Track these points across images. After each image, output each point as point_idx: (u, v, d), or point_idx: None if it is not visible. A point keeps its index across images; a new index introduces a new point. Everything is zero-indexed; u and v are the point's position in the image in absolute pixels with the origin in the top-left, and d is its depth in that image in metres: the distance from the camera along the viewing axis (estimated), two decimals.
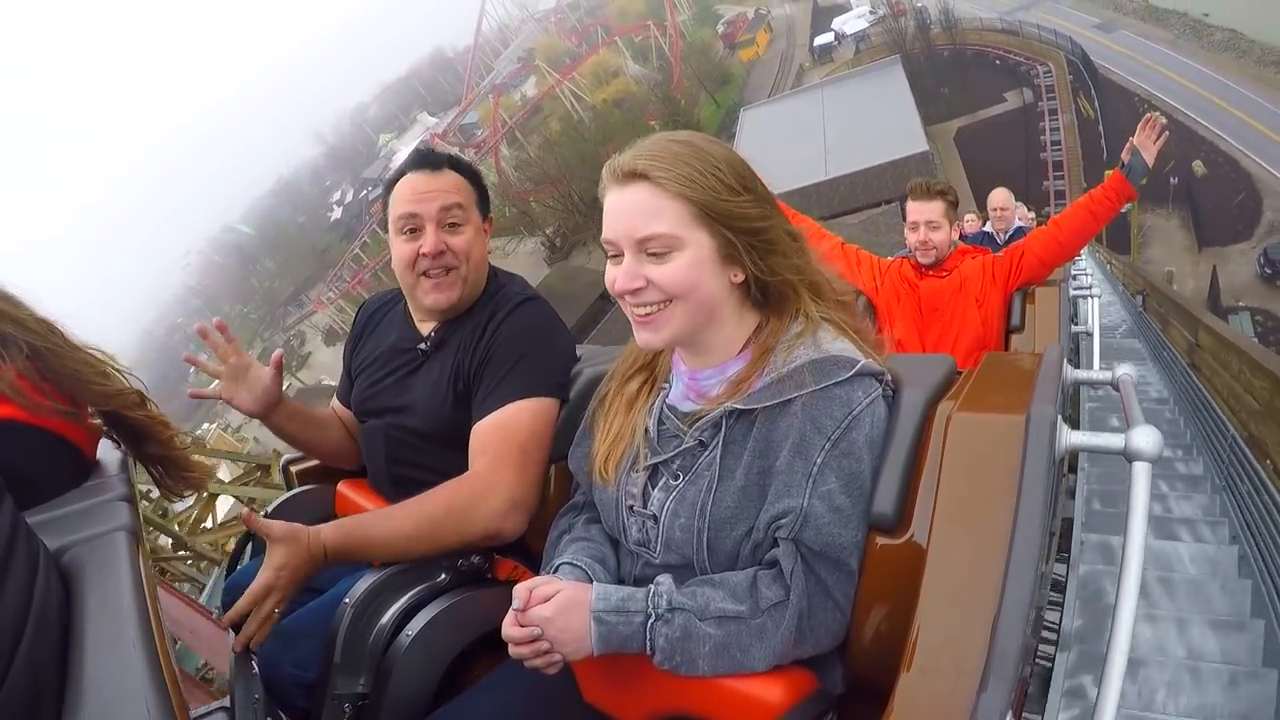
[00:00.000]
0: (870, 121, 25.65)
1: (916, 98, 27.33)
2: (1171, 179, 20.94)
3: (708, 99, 41.61)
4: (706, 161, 0.90)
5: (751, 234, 0.92)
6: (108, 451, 1.26)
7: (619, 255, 0.92)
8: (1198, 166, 21.49)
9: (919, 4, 35.41)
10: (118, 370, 1.23)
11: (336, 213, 73.90)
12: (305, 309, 60.02)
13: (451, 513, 1.17)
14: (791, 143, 25.82)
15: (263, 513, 1.56)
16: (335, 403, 1.62)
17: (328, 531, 1.10)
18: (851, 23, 40.80)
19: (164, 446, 1.30)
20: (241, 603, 1.03)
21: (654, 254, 0.90)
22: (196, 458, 1.36)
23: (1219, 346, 3.77)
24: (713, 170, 0.90)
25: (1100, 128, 24.92)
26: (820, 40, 41.64)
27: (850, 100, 28.50)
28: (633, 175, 0.90)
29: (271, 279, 74.82)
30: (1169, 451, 3.93)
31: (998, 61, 31.28)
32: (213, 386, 1.42)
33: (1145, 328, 5.56)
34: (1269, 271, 17.82)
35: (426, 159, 1.38)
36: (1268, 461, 2.78)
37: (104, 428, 1.24)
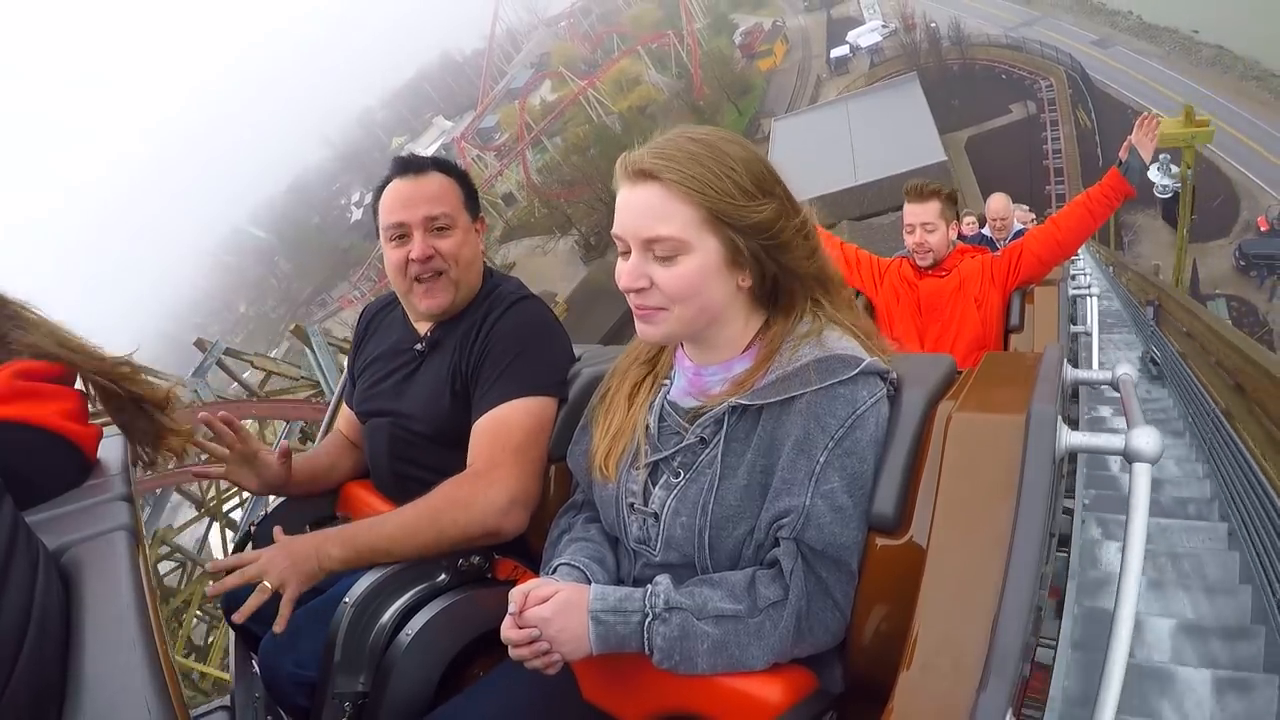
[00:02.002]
0: (892, 133, 27.53)
1: (930, 108, 29.22)
2: None
3: (730, 107, 42.54)
4: (722, 163, 0.88)
5: (762, 234, 0.91)
6: (108, 451, 1.25)
7: (628, 251, 0.92)
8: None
9: (931, 23, 37.09)
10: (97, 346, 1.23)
11: (357, 214, 75.26)
12: (329, 307, 60.92)
13: (452, 503, 1.17)
14: (823, 151, 27.86)
15: (261, 514, 1.57)
16: (342, 410, 1.62)
17: (328, 533, 1.12)
18: (866, 36, 41.95)
19: (158, 407, 1.27)
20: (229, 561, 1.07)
21: (660, 256, 0.89)
22: (180, 425, 1.32)
23: (1135, 274, 8.60)
24: (727, 172, 0.88)
25: (1096, 137, 26.80)
26: (836, 53, 42.88)
27: (873, 113, 30.40)
28: (644, 174, 0.89)
29: (289, 280, 75.87)
30: (1114, 320, 7.52)
31: (1004, 76, 33.24)
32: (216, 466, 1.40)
33: (1115, 285, 9.59)
34: (1243, 264, 20.61)
35: (409, 164, 1.39)
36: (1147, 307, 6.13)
37: (93, 396, 1.22)
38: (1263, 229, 21.22)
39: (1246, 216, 22.08)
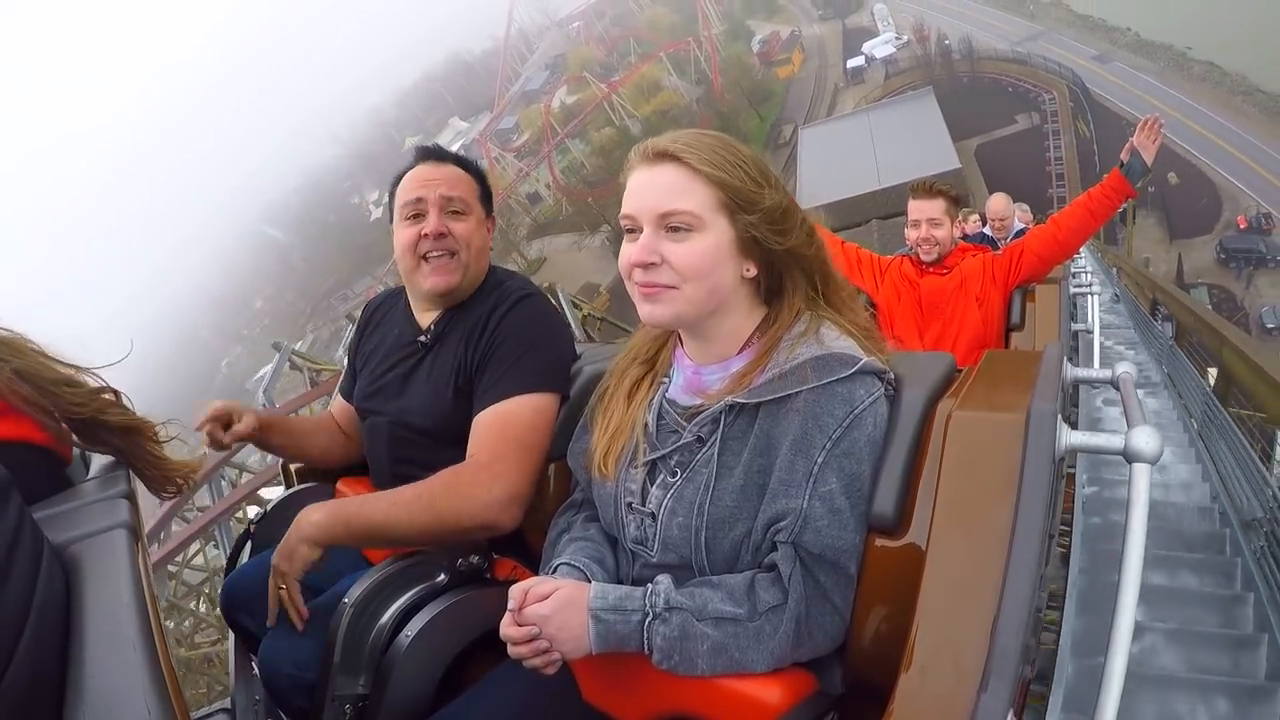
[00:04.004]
0: (911, 142, 29.74)
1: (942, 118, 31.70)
2: (1150, 186, 26.71)
3: (751, 113, 43.94)
4: (735, 154, 0.94)
5: (771, 221, 0.94)
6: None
7: (636, 231, 0.93)
8: (1172, 177, 27.98)
9: (945, 39, 39.35)
10: (90, 371, 1.20)
11: (376, 213, 76.92)
12: (351, 301, 61.94)
13: (452, 491, 1.17)
14: (848, 157, 30.32)
15: (262, 511, 1.57)
16: (336, 399, 1.62)
17: (314, 509, 1.14)
18: (880, 48, 43.87)
19: (147, 441, 1.26)
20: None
21: (674, 230, 0.91)
22: (178, 457, 1.33)
23: (1112, 256, 12.46)
24: (739, 163, 0.93)
25: (1094, 147, 29.60)
26: (852, 63, 44.79)
27: (893, 123, 32.64)
28: (664, 156, 0.93)
29: (306, 275, 77.32)
30: (1102, 281, 8.92)
31: (1010, 89, 35.92)
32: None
33: (1100, 263, 11.72)
34: (1223, 257, 24.90)
35: (431, 153, 1.44)
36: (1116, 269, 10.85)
37: (76, 441, 1.20)
38: (1242, 227, 25.15)
39: (1228, 216, 25.90)
